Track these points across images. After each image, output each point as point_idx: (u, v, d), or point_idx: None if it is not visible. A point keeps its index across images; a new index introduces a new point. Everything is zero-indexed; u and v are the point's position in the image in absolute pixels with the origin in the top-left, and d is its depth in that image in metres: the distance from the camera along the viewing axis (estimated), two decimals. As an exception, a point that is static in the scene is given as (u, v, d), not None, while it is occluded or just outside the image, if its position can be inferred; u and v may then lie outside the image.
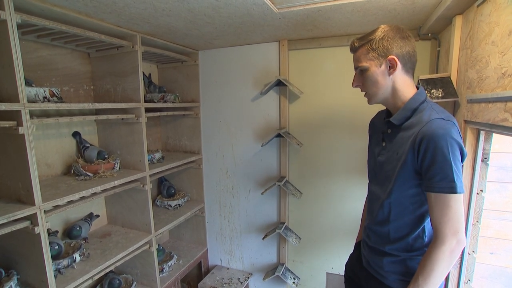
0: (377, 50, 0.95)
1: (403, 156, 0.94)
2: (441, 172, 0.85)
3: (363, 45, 0.98)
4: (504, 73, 0.93)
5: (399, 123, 0.99)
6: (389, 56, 0.94)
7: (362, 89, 1.05)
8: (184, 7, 1.27)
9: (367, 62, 0.98)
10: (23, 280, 1.29)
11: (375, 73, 0.97)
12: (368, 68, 0.98)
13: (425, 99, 0.98)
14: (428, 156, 0.87)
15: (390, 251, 1.03)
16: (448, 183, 0.85)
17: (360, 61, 0.99)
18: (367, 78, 0.99)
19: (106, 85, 1.78)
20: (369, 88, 1.01)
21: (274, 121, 2.08)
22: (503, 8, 0.95)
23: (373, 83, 0.99)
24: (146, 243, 1.76)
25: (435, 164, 0.85)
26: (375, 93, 1.01)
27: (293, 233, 2.11)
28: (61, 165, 1.66)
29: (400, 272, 1.02)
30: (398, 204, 0.99)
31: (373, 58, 0.96)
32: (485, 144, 1.22)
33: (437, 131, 0.85)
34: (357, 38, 1.01)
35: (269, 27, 1.63)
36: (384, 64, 0.96)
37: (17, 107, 1.08)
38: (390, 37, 0.94)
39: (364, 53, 0.98)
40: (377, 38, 0.95)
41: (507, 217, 1.38)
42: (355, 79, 1.04)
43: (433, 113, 0.91)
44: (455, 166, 0.84)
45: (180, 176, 2.43)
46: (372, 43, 0.96)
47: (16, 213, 1.10)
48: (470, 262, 1.32)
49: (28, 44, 1.45)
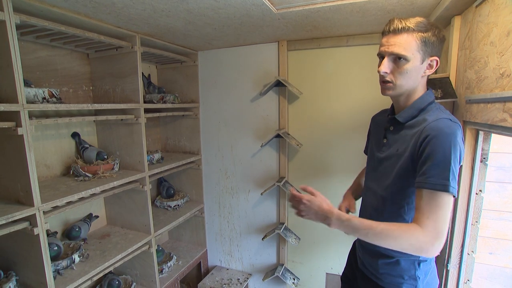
0: (430, 46, 0.86)
1: (404, 153, 0.92)
2: (436, 169, 0.81)
3: (415, 31, 0.85)
4: (503, 73, 0.93)
5: (405, 121, 0.97)
6: (435, 56, 0.88)
7: (388, 77, 0.93)
8: (183, 8, 1.27)
9: (412, 53, 0.86)
10: (22, 281, 1.29)
11: (415, 68, 0.88)
12: (410, 60, 0.87)
13: (433, 100, 0.96)
14: (427, 150, 0.83)
15: (384, 251, 1.02)
16: (441, 181, 0.80)
17: (405, 49, 0.86)
18: (404, 69, 0.88)
19: (105, 85, 1.77)
20: (400, 79, 0.91)
21: (273, 121, 2.08)
22: (501, 8, 0.95)
23: (407, 77, 0.90)
24: (146, 244, 1.76)
25: (433, 160, 0.82)
26: (402, 86, 0.92)
27: (293, 234, 2.11)
28: (60, 166, 1.66)
29: (396, 274, 1.01)
30: (394, 201, 0.98)
31: (421, 52, 0.86)
32: (484, 145, 1.22)
33: (443, 129, 0.83)
34: (401, 19, 0.87)
35: (268, 28, 1.63)
36: (425, 62, 0.89)
37: (16, 108, 1.08)
38: (441, 38, 0.88)
39: (412, 41, 0.86)
40: (432, 32, 0.86)
41: (506, 217, 1.39)
42: (385, 64, 0.91)
43: (440, 113, 0.90)
44: (454, 167, 0.81)
45: (180, 177, 2.43)
46: (426, 35, 0.85)
47: (15, 214, 1.09)
48: (469, 262, 1.32)
49: (27, 44, 1.45)
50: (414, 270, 0.99)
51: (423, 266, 1.00)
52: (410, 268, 0.99)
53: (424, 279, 1.00)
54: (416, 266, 0.99)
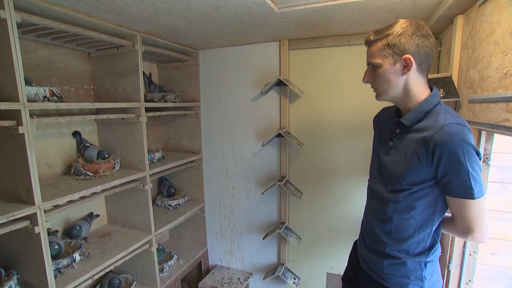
0: (393, 47, 0.90)
1: (413, 157, 0.91)
2: (457, 179, 0.84)
3: (379, 39, 0.92)
4: (506, 73, 0.92)
5: (411, 124, 0.96)
6: (405, 55, 0.90)
7: (372, 85, 1.01)
8: (184, 7, 1.27)
9: (381, 59, 0.93)
10: (23, 280, 1.29)
11: (388, 71, 0.93)
12: (381, 65, 0.93)
13: (439, 101, 0.94)
14: (443, 162, 0.85)
15: (390, 252, 1.01)
16: (465, 190, 0.85)
17: (374, 57, 0.94)
18: (379, 75, 0.95)
19: (107, 84, 1.77)
20: (380, 85, 0.97)
21: (275, 121, 2.08)
22: (505, 7, 0.94)
23: (384, 81, 0.95)
24: (146, 243, 1.76)
25: (451, 170, 0.84)
26: (385, 91, 0.97)
27: (294, 233, 2.11)
28: (61, 164, 1.66)
29: (402, 275, 1.00)
30: (403, 204, 0.97)
31: (387, 55, 0.91)
32: (486, 145, 1.21)
33: (452, 137, 0.83)
34: (373, 31, 0.95)
35: (269, 27, 1.62)
36: (398, 63, 0.91)
37: (17, 107, 1.08)
38: (409, 34, 0.89)
39: (379, 48, 0.93)
40: (394, 34, 0.89)
41: (508, 217, 1.38)
42: (366, 74, 1.00)
43: (448, 116, 0.88)
44: (473, 171, 0.83)
45: (181, 176, 2.43)
46: (388, 39, 0.90)
47: (16, 213, 1.09)
48: (471, 262, 1.32)
49: (28, 43, 1.45)
50: (421, 270, 0.98)
51: (430, 266, 0.99)
52: (417, 269, 0.98)
53: (430, 279, 0.99)
54: (423, 267, 0.98)
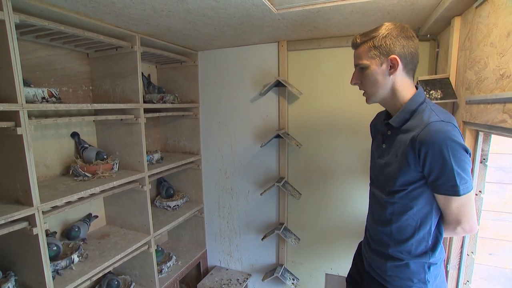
0: (379, 48, 0.93)
1: (403, 158, 0.92)
2: (442, 176, 0.86)
3: (365, 42, 0.96)
4: (503, 74, 0.93)
5: (398, 125, 0.98)
6: (391, 55, 0.92)
7: (360, 87, 1.03)
8: (183, 8, 1.27)
9: (368, 60, 0.95)
10: (21, 281, 1.29)
11: (375, 72, 0.95)
12: (368, 66, 0.96)
13: (424, 100, 0.96)
14: (428, 160, 0.86)
15: (393, 253, 1.01)
16: (451, 187, 0.86)
17: (361, 59, 0.97)
18: (367, 76, 0.97)
19: (105, 85, 1.77)
20: (368, 87, 0.99)
21: (273, 122, 2.08)
22: (501, 9, 0.95)
23: (372, 82, 0.97)
24: (145, 244, 1.76)
25: (436, 169, 0.86)
26: (374, 93, 0.99)
27: (292, 234, 2.11)
28: (60, 165, 1.65)
29: (405, 277, 1.00)
30: (400, 205, 0.97)
31: (374, 56, 0.94)
32: (483, 145, 1.22)
33: (435, 135, 0.84)
34: (360, 34, 0.98)
35: (268, 28, 1.63)
36: (385, 64, 0.94)
37: (15, 108, 1.08)
38: (394, 36, 0.92)
39: (365, 50, 0.96)
40: (380, 36, 0.93)
41: (505, 218, 1.38)
42: (354, 76, 1.02)
43: (432, 114, 0.90)
44: (458, 168, 0.84)
45: (179, 177, 2.43)
46: (374, 41, 0.93)
47: (14, 214, 1.09)
48: (469, 263, 1.32)
49: (27, 44, 1.45)
50: (424, 273, 0.98)
51: (433, 269, 0.98)
52: (420, 272, 0.98)
53: (433, 282, 0.99)
54: (426, 270, 0.98)
